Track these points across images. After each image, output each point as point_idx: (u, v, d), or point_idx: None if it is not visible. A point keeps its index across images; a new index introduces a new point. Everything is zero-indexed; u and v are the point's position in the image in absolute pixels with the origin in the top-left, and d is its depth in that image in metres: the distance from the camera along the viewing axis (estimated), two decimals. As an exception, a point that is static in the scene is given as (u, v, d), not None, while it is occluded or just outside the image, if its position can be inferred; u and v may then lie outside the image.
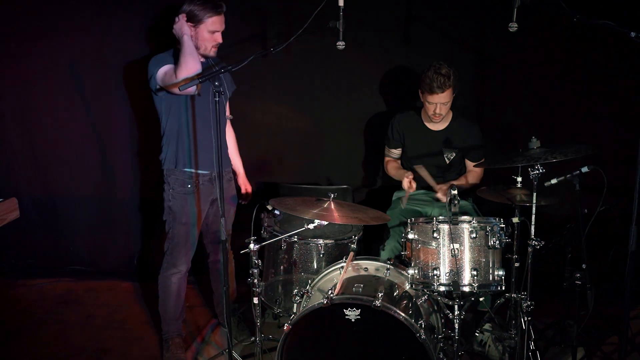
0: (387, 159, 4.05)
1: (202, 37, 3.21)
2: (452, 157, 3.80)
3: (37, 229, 4.81)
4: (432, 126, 3.82)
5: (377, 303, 2.70)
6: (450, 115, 3.80)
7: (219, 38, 3.27)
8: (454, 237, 2.91)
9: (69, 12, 4.34)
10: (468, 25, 4.17)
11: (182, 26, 3.16)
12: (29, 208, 4.67)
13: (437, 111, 3.64)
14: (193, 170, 3.36)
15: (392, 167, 3.99)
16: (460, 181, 3.81)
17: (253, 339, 3.14)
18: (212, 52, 3.29)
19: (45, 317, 4.10)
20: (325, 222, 2.86)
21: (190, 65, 3.06)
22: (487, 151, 3.84)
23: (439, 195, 3.62)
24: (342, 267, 3.13)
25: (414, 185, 3.65)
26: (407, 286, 3.06)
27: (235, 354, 3.14)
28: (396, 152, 3.99)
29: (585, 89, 4.13)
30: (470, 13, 4.14)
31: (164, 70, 3.18)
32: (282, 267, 3.45)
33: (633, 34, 2.50)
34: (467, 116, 3.86)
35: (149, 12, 4.27)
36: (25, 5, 4.35)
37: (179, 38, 3.16)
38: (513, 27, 2.78)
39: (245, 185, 3.79)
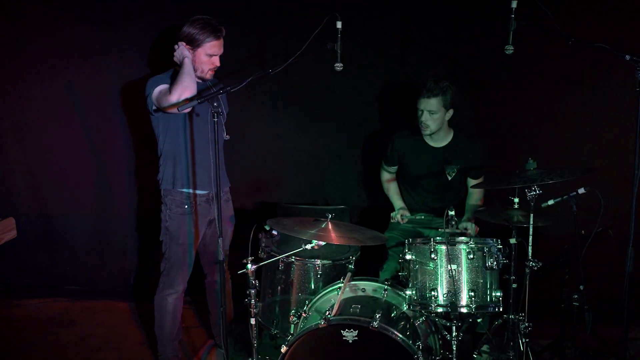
0: (385, 175, 4.06)
1: (200, 60, 3.24)
2: (453, 174, 3.79)
3: (34, 249, 4.79)
4: (433, 143, 3.81)
5: (375, 324, 2.69)
6: (452, 133, 3.81)
7: (216, 62, 3.29)
8: (452, 258, 2.92)
9: (67, 33, 4.36)
10: (464, 47, 4.20)
11: (182, 50, 3.20)
12: (25, 227, 4.65)
13: (423, 119, 3.64)
14: (191, 191, 3.36)
15: (392, 190, 4.03)
16: (477, 203, 3.83)
17: (250, 360, 3.12)
18: (208, 75, 3.31)
19: (41, 337, 4.07)
20: (323, 243, 2.86)
21: (186, 84, 3.08)
22: (484, 172, 3.87)
23: (470, 232, 3.59)
24: (339, 287, 3.12)
25: (404, 220, 3.83)
26: (405, 307, 3.05)
27: (231, 376, 3.13)
28: (392, 169, 4.01)
29: (581, 110, 4.16)
30: (466, 35, 4.17)
31: (159, 89, 3.19)
32: (279, 287, 3.44)
33: (627, 57, 2.53)
34: (467, 135, 3.89)
35: (147, 34, 4.30)
36: (24, 27, 4.37)
37: (179, 62, 3.19)
38: (509, 49, 2.81)
39: None
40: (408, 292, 3.01)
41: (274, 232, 3.44)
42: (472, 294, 2.89)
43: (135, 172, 4.60)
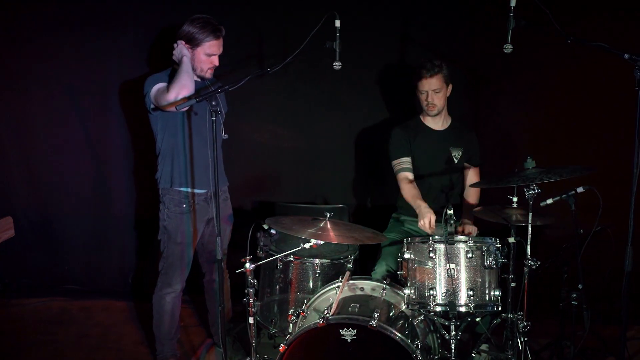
0: (400, 175, 3.76)
1: (199, 59, 3.24)
2: (459, 157, 3.77)
3: (32, 248, 4.79)
4: (434, 125, 3.81)
5: (373, 323, 2.69)
6: (450, 119, 3.83)
7: (215, 61, 3.29)
8: (450, 257, 2.92)
9: (66, 33, 4.36)
10: (462, 46, 4.20)
11: (181, 49, 3.20)
12: (24, 227, 4.65)
13: (430, 99, 3.63)
14: (189, 190, 3.36)
15: (411, 194, 3.64)
16: (473, 204, 3.78)
17: (248, 359, 3.11)
18: (208, 74, 3.31)
19: (39, 337, 4.06)
20: (322, 242, 2.86)
21: (183, 82, 3.08)
22: (483, 172, 3.88)
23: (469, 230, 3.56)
24: (338, 286, 3.12)
25: (433, 227, 3.37)
26: (404, 306, 3.05)
27: (230, 375, 3.12)
28: (407, 160, 3.77)
29: (580, 109, 4.16)
30: (465, 34, 4.18)
31: (157, 87, 3.20)
32: (278, 286, 3.43)
33: (627, 56, 2.52)
34: (464, 123, 3.92)
35: (146, 32, 4.30)
36: (23, 26, 4.37)
37: (178, 61, 3.19)
38: (508, 48, 2.80)
39: None
40: (407, 291, 3.01)
41: (273, 231, 3.44)
42: (471, 293, 2.89)
43: (134, 171, 4.60)
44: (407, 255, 3.03)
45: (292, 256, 3.32)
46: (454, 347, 2.90)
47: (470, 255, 2.91)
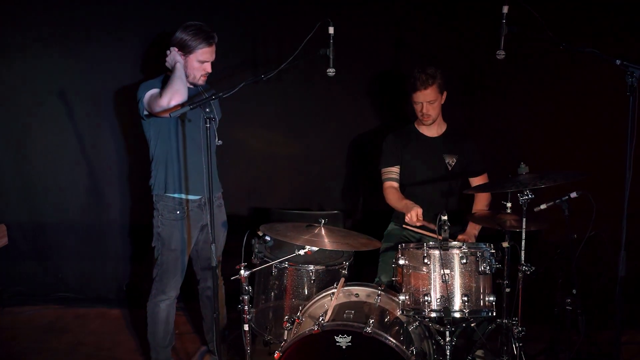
0: (386, 184, 3.83)
1: (192, 66, 3.24)
2: (453, 164, 3.75)
3: (25, 256, 4.76)
4: (428, 132, 3.80)
5: (368, 329, 2.68)
6: (445, 125, 3.82)
7: (208, 68, 3.29)
8: (445, 263, 2.91)
9: (59, 38, 4.36)
10: (455, 52, 4.21)
11: (174, 56, 3.21)
12: (17, 234, 4.62)
13: (424, 111, 3.63)
14: (183, 196, 3.35)
15: (395, 197, 3.73)
16: (481, 209, 3.77)
17: (243, 366, 3.11)
18: (200, 81, 3.32)
19: (33, 345, 4.04)
20: (316, 248, 2.86)
21: (176, 88, 3.08)
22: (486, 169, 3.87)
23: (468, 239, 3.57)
24: (333, 293, 3.12)
25: (420, 219, 3.42)
26: (398, 312, 3.04)
27: (225, 382, 3.11)
28: (395, 170, 3.82)
29: (573, 115, 4.17)
30: (458, 41, 4.19)
31: (150, 93, 3.19)
32: (272, 293, 3.42)
33: (618, 62, 2.54)
34: (461, 131, 3.90)
35: (140, 39, 4.30)
36: (16, 31, 4.37)
37: (171, 67, 3.19)
38: (500, 54, 2.82)
39: None
40: (401, 297, 3.00)
41: (267, 238, 3.43)
42: (466, 298, 2.88)
43: (128, 178, 4.59)
44: (401, 261, 3.02)
45: (286, 263, 3.31)
46: (449, 353, 2.90)
47: (464, 260, 2.91)
